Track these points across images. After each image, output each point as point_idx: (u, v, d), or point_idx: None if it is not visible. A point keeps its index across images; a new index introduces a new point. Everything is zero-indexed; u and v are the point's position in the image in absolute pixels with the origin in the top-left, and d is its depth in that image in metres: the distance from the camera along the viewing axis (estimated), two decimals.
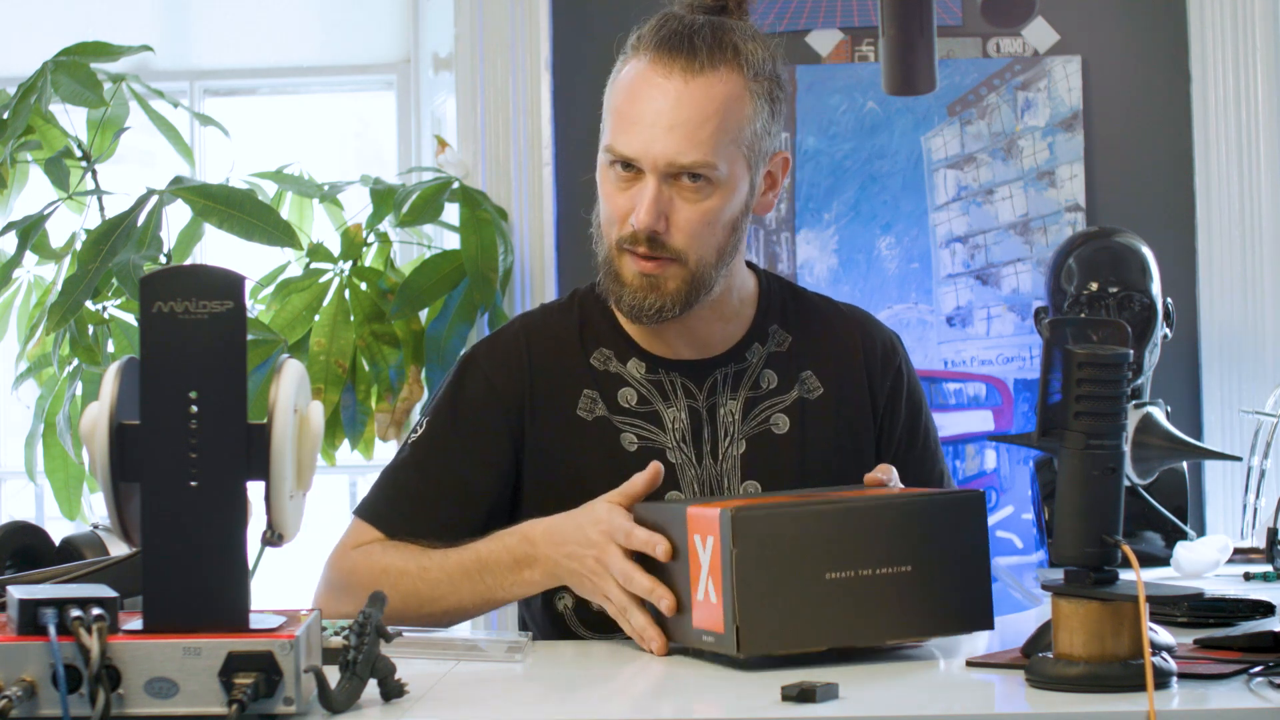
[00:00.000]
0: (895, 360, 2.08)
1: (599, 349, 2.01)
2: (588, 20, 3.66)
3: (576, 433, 1.96)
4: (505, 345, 2.03)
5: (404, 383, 3.39)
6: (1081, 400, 1.44)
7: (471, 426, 1.98)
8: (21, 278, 3.49)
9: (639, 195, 1.89)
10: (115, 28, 3.66)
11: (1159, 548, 2.68)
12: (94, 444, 1.35)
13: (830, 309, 2.10)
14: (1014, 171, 3.67)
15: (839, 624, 1.59)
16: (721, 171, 1.89)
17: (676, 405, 1.97)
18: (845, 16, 3.67)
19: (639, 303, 1.93)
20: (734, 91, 1.89)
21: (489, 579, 1.86)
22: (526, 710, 1.52)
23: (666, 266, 1.91)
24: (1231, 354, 3.61)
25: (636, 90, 1.90)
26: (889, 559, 1.61)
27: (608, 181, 1.94)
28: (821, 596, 1.58)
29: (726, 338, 2.02)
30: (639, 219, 1.89)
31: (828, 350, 2.04)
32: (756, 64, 1.91)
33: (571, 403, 1.97)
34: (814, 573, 1.58)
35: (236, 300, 1.36)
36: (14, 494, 4.21)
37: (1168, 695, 1.41)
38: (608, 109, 1.94)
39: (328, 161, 4.12)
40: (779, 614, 1.57)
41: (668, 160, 1.87)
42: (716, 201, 1.91)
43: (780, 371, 2.01)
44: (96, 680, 1.29)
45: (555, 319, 2.05)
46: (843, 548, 1.60)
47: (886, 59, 2.67)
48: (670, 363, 2.00)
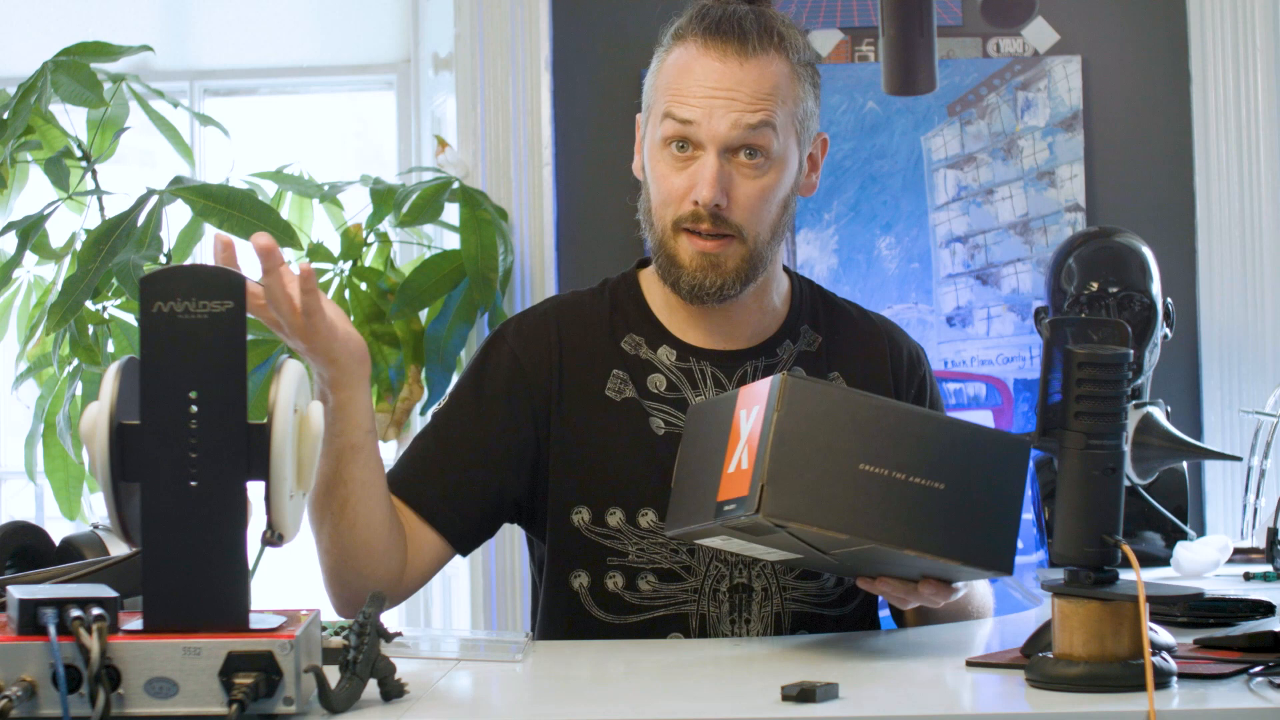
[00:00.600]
0: (920, 370, 2.10)
1: (629, 334, 2.01)
2: (588, 20, 3.66)
3: (604, 412, 1.97)
4: (534, 324, 2.03)
5: (404, 383, 3.39)
6: (1081, 400, 1.44)
7: (493, 398, 1.98)
8: (21, 278, 3.49)
9: (699, 173, 1.90)
10: (115, 28, 3.65)
11: (1159, 548, 2.68)
12: (94, 444, 1.35)
13: (860, 315, 2.12)
14: (1014, 171, 3.67)
15: (861, 516, 1.57)
16: (778, 144, 1.91)
17: (706, 393, 1.98)
18: (845, 16, 3.67)
19: (699, 282, 1.94)
20: (783, 72, 1.92)
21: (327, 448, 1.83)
22: (526, 710, 1.52)
23: (726, 245, 1.93)
24: (1231, 354, 3.61)
25: (692, 69, 1.91)
26: (925, 470, 1.60)
27: (661, 162, 1.94)
28: (851, 484, 1.57)
29: (760, 331, 2.03)
30: (702, 194, 1.89)
31: (856, 354, 2.06)
32: (800, 49, 1.96)
33: (600, 382, 1.98)
34: (849, 459, 1.58)
35: (236, 300, 1.36)
36: (14, 494, 4.21)
37: (1168, 695, 1.41)
38: (658, 91, 1.95)
39: (328, 161, 4.12)
40: (805, 487, 1.56)
41: (730, 131, 1.88)
42: (773, 178, 1.93)
43: (809, 370, 2.02)
44: (96, 680, 1.29)
45: (586, 302, 2.06)
46: (882, 444, 1.59)
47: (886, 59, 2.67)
48: (702, 351, 2.01)
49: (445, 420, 2.00)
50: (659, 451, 1.93)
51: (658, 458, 1.92)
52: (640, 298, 2.04)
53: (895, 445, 1.59)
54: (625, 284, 2.06)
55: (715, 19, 1.92)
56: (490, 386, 1.99)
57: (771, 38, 1.92)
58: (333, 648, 1.46)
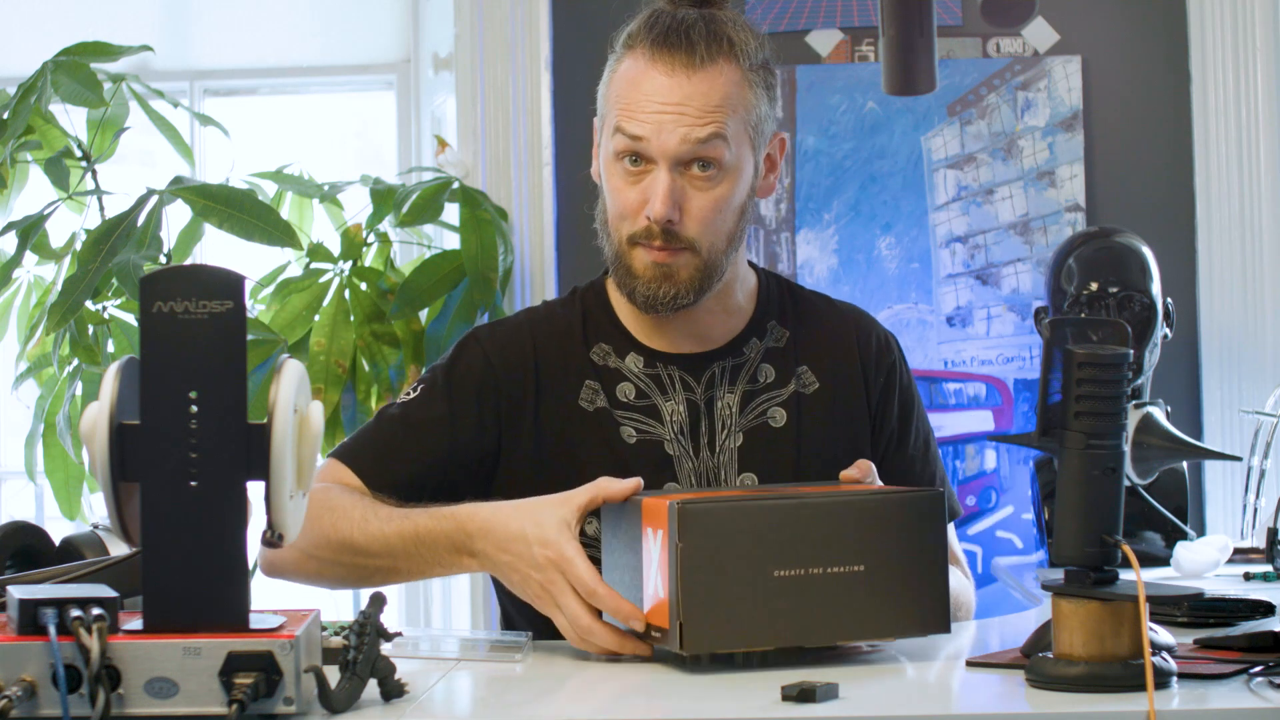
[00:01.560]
0: (889, 358, 2.08)
1: (599, 344, 2.02)
2: (588, 20, 3.66)
3: (577, 423, 1.97)
4: (509, 332, 2.04)
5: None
6: (1081, 400, 1.44)
7: (462, 395, 1.98)
8: (21, 278, 3.50)
9: (651, 187, 1.90)
10: (115, 28, 3.66)
11: (1159, 548, 2.68)
12: (94, 444, 1.35)
13: (827, 306, 2.11)
14: (1014, 171, 3.67)
15: (787, 623, 1.57)
16: (730, 154, 1.90)
17: (675, 398, 1.98)
18: (845, 16, 3.67)
19: (653, 293, 1.94)
20: (734, 80, 1.91)
21: (425, 554, 1.83)
22: (526, 710, 1.52)
23: (679, 255, 1.92)
24: (1231, 354, 3.60)
25: (640, 83, 1.90)
26: (841, 557, 1.58)
27: (614, 176, 1.94)
28: (769, 595, 1.56)
29: (726, 331, 2.03)
30: (654, 210, 1.89)
31: (824, 346, 2.05)
32: (750, 53, 1.93)
33: (574, 392, 1.98)
34: (761, 569, 1.56)
35: (236, 300, 1.36)
36: (14, 494, 4.21)
37: (1168, 695, 1.41)
38: (609, 102, 1.95)
39: (328, 161, 4.12)
40: (724, 611, 1.55)
41: (679, 147, 1.88)
42: (726, 188, 1.92)
43: (777, 366, 2.02)
44: (96, 680, 1.29)
45: (558, 313, 2.06)
46: (791, 545, 1.57)
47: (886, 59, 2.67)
48: (669, 356, 2.01)
49: (413, 410, 1.99)
50: (631, 460, 1.92)
51: (631, 467, 1.90)
52: (608, 305, 2.04)
53: (804, 541, 1.58)
54: (593, 292, 2.06)
55: (664, 29, 1.91)
56: (461, 387, 1.99)
57: (721, 45, 1.90)
58: (333, 648, 1.46)
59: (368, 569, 1.87)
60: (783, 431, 1.99)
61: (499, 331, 2.05)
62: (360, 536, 1.86)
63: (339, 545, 1.86)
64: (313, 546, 1.88)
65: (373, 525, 1.86)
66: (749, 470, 1.96)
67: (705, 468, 1.96)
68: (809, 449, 1.98)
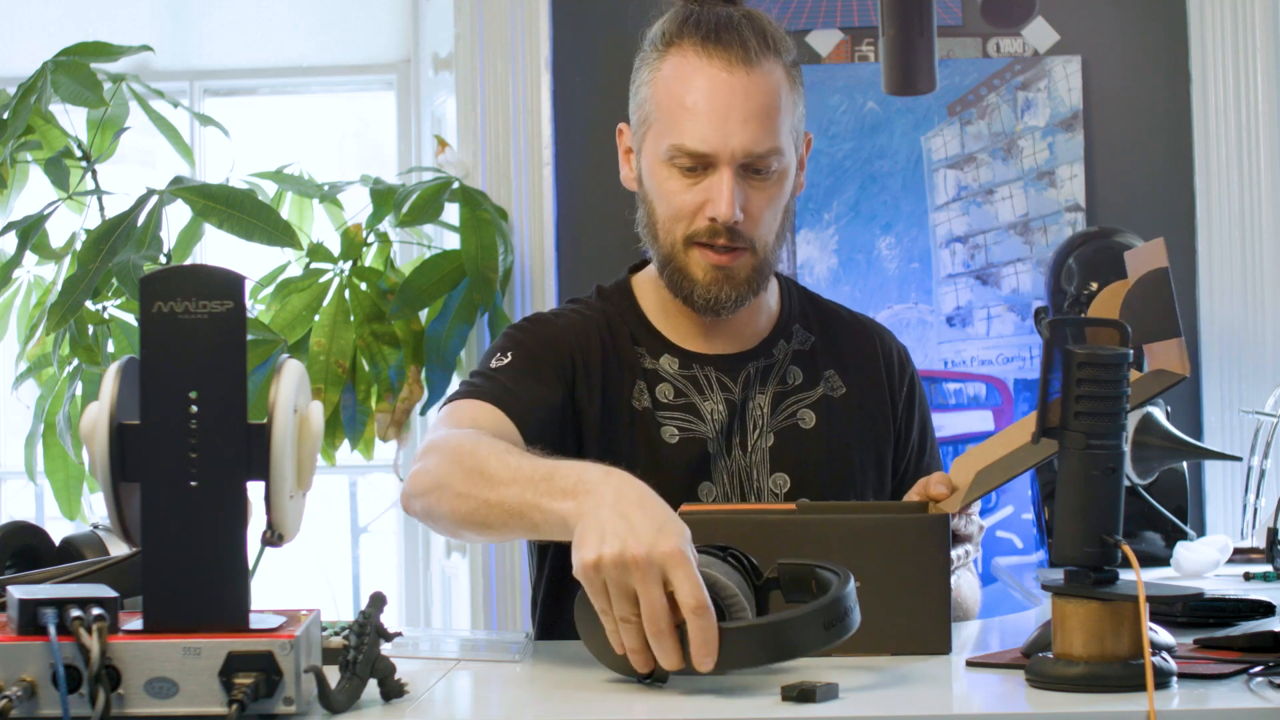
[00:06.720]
0: (909, 369, 2.11)
1: (634, 345, 2.01)
2: (588, 20, 3.66)
3: (626, 419, 1.96)
4: (572, 320, 2.00)
5: (404, 383, 3.39)
6: (1081, 400, 1.44)
7: (556, 354, 1.95)
8: (21, 278, 3.50)
9: (712, 189, 1.89)
10: (115, 28, 3.66)
11: (1159, 548, 2.68)
12: (94, 444, 1.35)
13: (850, 315, 2.13)
14: (1014, 171, 3.67)
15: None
16: (785, 156, 1.91)
17: (713, 398, 1.98)
18: (845, 16, 3.67)
19: (714, 296, 1.93)
20: (782, 80, 1.91)
21: (543, 489, 1.61)
22: (526, 710, 1.52)
23: (740, 256, 1.92)
24: (1231, 354, 3.61)
25: (696, 85, 1.88)
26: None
27: (668, 179, 1.91)
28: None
29: (757, 332, 2.04)
30: (721, 212, 1.88)
31: (848, 353, 2.07)
32: (788, 51, 1.94)
33: (628, 389, 1.98)
34: None
35: (236, 300, 1.36)
36: (14, 494, 4.21)
37: (1168, 695, 1.41)
38: (660, 106, 1.91)
39: (328, 161, 4.12)
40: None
41: (746, 150, 1.87)
42: (780, 188, 1.93)
43: (805, 369, 2.03)
44: (96, 680, 1.29)
45: (600, 310, 2.03)
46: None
47: (886, 59, 2.67)
48: (704, 357, 2.01)
49: (518, 363, 1.92)
50: (672, 459, 1.93)
51: (669, 467, 1.92)
52: (637, 307, 2.04)
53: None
54: (620, 293, 2.05)
55: (711, 26, 1.89)
56: (544, 345, 1.95)
57: (767, 42, 1.90)
58: (333, 648, 1.46)
59: (479, 501, 1.67)
60: (812, 433, 1.99)
61: (562, 318, 2.01)
62: (495, 464, 1.67)
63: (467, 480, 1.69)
64: (446, 478, 1.72)
65: (510, 457, 1.69)
66: (781, 470, 1.97)
67: (738, 466, 1.96)
68: (838, 450, 2.00)
